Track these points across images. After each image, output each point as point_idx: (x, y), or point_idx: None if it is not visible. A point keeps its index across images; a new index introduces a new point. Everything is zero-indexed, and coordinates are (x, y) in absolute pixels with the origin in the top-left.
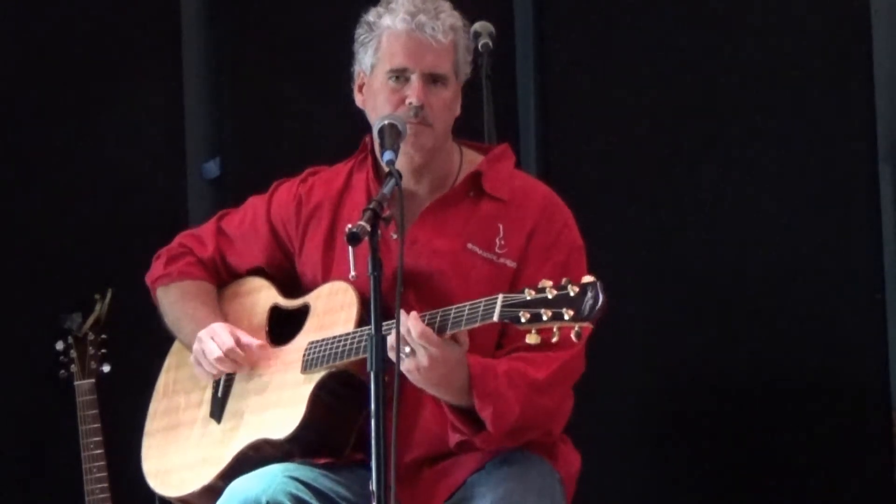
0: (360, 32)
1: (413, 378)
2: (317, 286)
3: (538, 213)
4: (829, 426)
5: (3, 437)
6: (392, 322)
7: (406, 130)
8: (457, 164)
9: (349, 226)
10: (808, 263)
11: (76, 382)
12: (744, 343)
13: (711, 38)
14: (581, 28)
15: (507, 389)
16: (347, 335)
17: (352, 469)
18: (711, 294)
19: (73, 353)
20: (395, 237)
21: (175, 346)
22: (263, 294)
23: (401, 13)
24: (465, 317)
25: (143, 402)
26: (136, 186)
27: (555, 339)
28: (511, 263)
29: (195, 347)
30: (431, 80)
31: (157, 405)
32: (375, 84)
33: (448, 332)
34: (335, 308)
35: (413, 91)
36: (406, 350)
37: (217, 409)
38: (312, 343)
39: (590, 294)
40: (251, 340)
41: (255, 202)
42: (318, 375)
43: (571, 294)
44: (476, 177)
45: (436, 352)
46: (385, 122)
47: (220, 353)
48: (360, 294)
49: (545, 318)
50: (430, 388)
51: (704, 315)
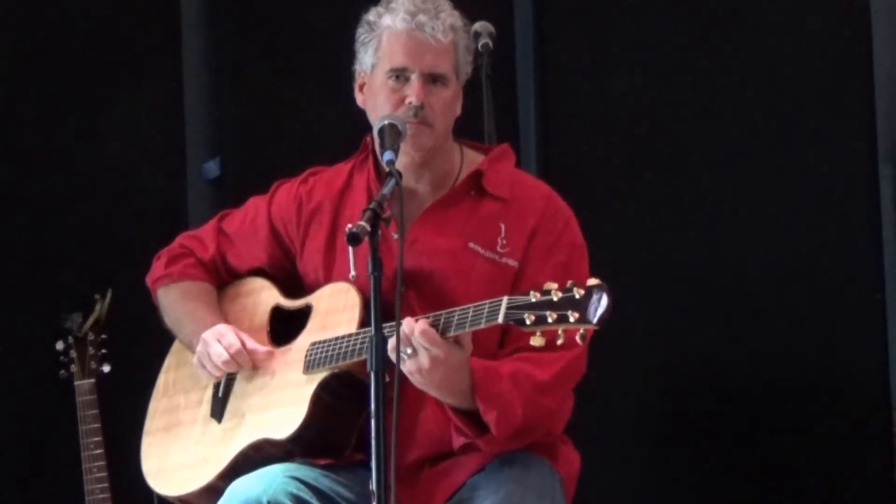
0: (361, 32)
1: (415, 380)
2: (318, 286)
3: (540, 213)
4: (829, 426)
5: (3, 437)
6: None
7: (406, 130)
8: (457, 164)
9: (349, 226)
10: (808, 263)
11: (76, 382)
12: (744, 343)
13: (711, 38)
14: (581, 28)
15: (511, 392)
16: (350, 336)
17: (352, 469)
18: (711, 294)
19: (73, 353)
20: (396, 237)
21: (175, 346)
22: (265, 294)
23: (401, 13)
24: (470, 318)
25: (143, 402)
26: (136, 186)
27: (560, 342)
28: (513, 263)
29: (199, 349)
30: (431, 80)
31: (157, 404)
32: (375, 84)
33: (452, 334)
34: (338, 308)
35: (413, 91)
36: (408, 351)
37: (218, 409)
38: (315, 343)
39: (595, 297)
40: (257, 346)
41: (256, 203)
42: (321, 376)
43: (577, 297)
44: (477, 176)
45: (438, 353)
46: (385, 122)
47: (228, 356)
48: (363, 294)
49: (550, 321)
50: (432, 391)
51: (704, 315)
